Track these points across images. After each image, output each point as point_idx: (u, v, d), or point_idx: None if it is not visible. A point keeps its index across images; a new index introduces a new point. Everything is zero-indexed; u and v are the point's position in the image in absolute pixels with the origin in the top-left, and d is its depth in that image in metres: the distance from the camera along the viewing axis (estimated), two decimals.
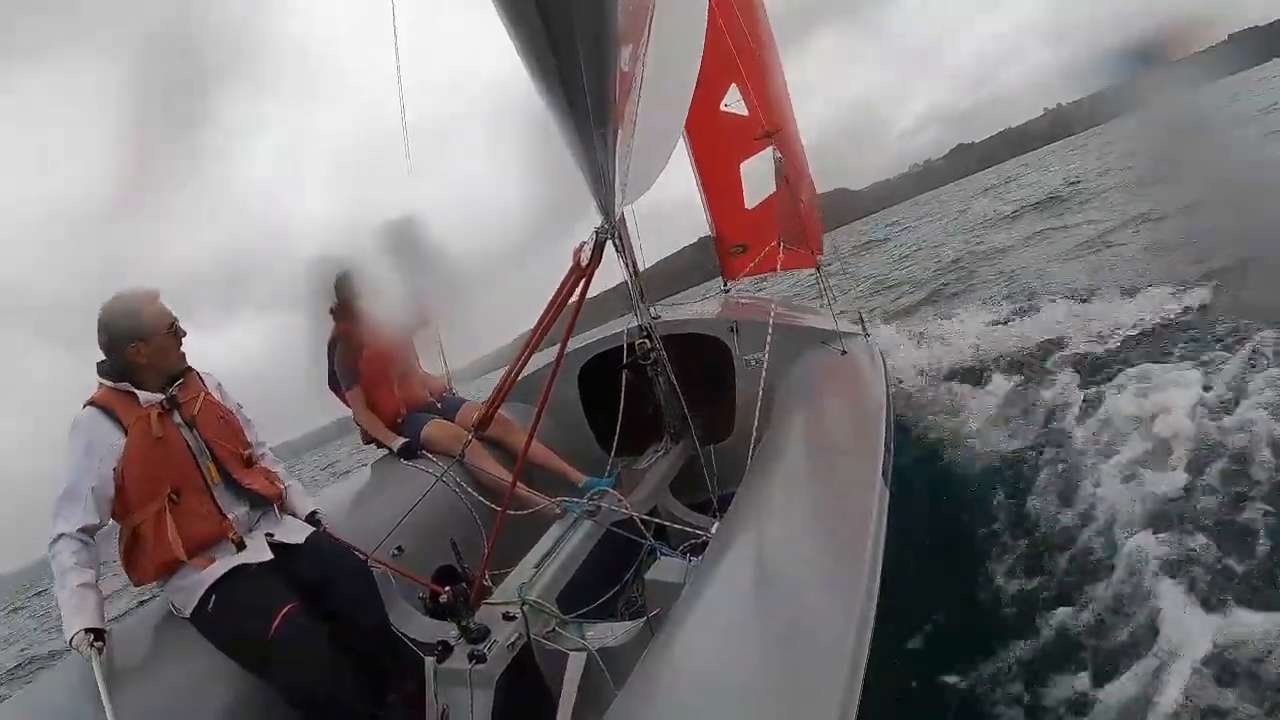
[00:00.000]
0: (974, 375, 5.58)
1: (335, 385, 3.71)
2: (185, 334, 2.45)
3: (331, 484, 3.70)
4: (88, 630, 2.04)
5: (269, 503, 2.51)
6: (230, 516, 2.37)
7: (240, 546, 2.35)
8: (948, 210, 24.54)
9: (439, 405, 3.87)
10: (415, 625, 2.65)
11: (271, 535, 2.44)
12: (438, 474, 3.36)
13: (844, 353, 3.70)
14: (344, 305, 3.62)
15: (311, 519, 2.64)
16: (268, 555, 2.37)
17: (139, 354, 2.32)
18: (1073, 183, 16.47)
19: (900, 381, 5.36)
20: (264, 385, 2.75)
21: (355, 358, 3.61)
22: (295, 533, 2.50)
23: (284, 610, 2.22)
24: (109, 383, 2.32)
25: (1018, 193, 19.88)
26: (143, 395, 2.31)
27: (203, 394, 2.47)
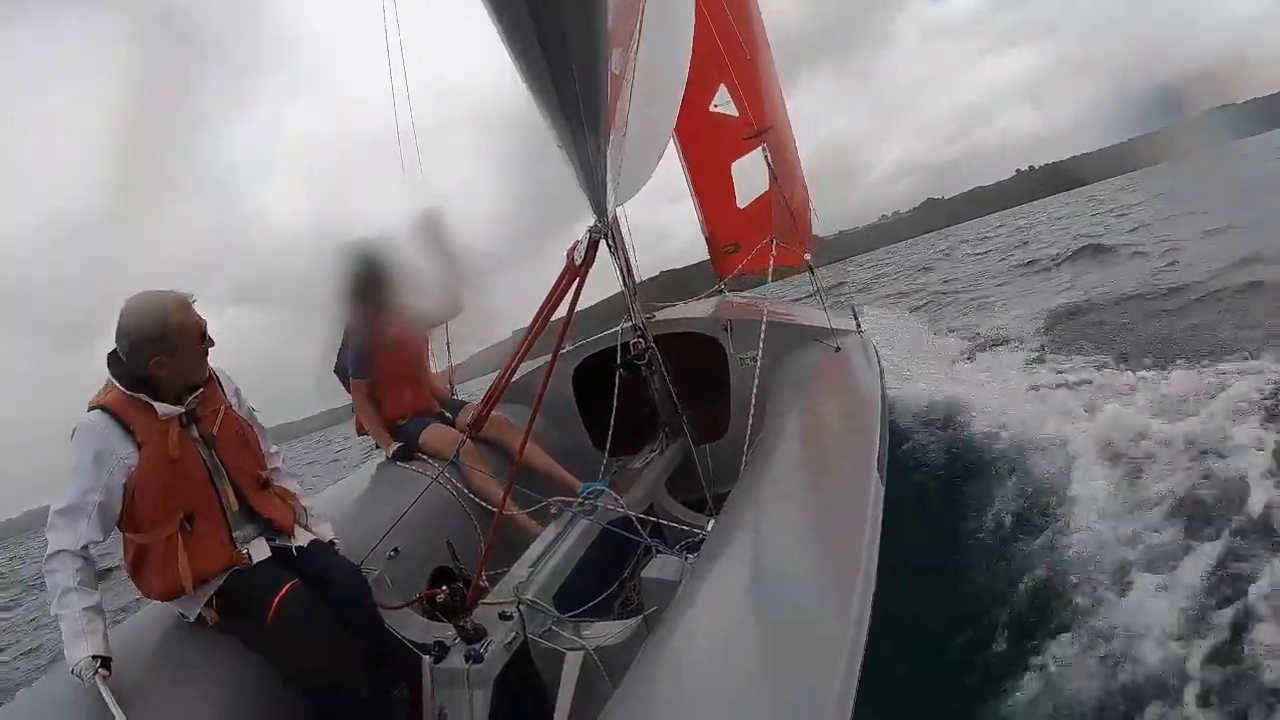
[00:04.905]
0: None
1: (341, 371, 3.64)
2: (214, 343, 2.27)
3: (329, 485, 3.67)
4: (95, 657, 1.95)
5: (284, 528, 2.42)
6: (239, 538, 2.29)
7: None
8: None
9: (446, 414, 3.85)
10: (412, 626, 2.66)
11: (273, 540, 2.38)
12: (433, 476, 3.36)
13: (838, 349, 3.71)
14: (373, 293, 3.47)
15: (329, 547, 2.55)
16: (266, 554, 2.32)
17: (162, 366, 2.14)
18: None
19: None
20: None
21: (373, 350, 3.55)
22: (297, 539, 2.45)
23: (284, 589, 2.19)
24: (123, 388, 2.14)
25: None
26: (160, 407, 2.15)
27: (223, 408, 2.32)
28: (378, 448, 3.67)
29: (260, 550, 2.32)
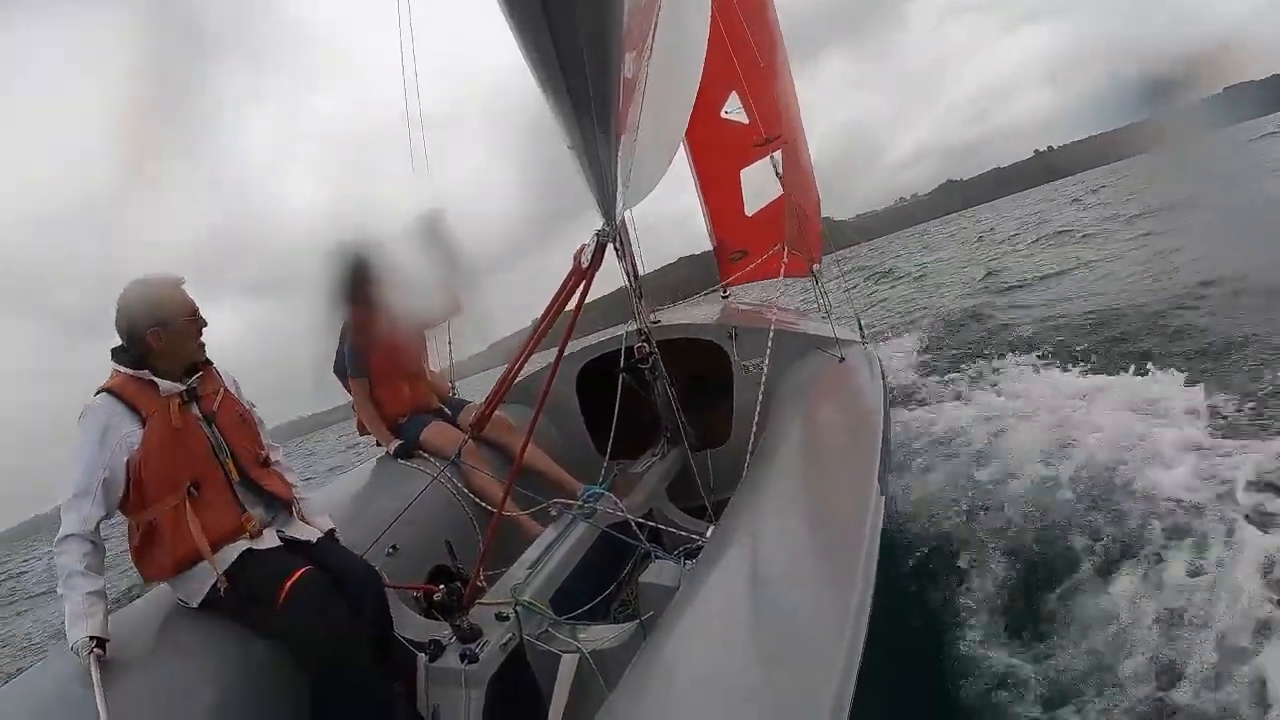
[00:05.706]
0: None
1: (341, 371, 3.65)
2: (206, 324, 2.38)
3: (330, 481, 3.67)
4: (91, 637, 2.01)
5: (285, 505, 2.49)
6: (252, 516, 2.34)
7: (254, 537, 2.33)
8: None
9: (447, 411, 3.86)
10: (408, 624, 2.65)
11: (283, 532, 2.42)
12: (434, 474, 3.37)
13: (842, 359, 3.71)
14: (364, 292, 3.50)
15: (330, 537, 2.59)
16: (276, 543, 2.36)
17: (159, 339, 2.25)
18: None
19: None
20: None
21: (367, 349, 3.56)
22: (307, 534, 2.49)
23: (297, 573, 2.22)
24: (126, 370, 2.26)
25: None
26: (162, 385, 2.26)
27: (222, 390, 2.43)
28: (379, 445, 3.68)
29: (270, 540, 2.36)
